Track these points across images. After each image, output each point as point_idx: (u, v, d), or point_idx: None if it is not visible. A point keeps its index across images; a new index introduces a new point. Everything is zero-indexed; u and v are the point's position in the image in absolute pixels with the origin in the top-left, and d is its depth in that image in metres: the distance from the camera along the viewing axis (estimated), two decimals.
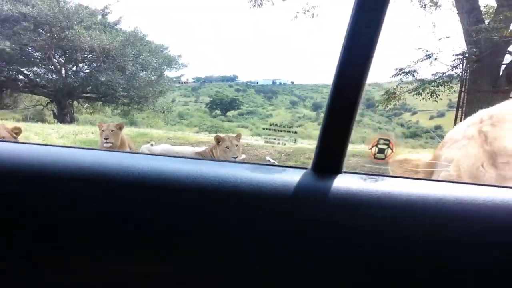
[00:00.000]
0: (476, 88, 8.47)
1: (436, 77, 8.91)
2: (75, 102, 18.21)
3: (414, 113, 28.14)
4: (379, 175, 1.01)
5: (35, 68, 16.48)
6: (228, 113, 29.56)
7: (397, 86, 9.57)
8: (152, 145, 8.27)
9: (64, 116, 16.62)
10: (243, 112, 30.16)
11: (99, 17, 16.16)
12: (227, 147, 5.78)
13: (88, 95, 18.00)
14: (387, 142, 1.20)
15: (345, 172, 1.00)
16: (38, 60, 16.03)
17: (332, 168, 1.00)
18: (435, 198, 0.92)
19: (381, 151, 1.20)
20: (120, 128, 6.95)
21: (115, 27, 16.61)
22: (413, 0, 12.01)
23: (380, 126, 29.28)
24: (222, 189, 1.00)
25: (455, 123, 9.20)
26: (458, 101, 8.82)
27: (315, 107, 33.68)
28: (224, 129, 23.34)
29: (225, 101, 29.56)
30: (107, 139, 6.60)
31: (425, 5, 11.70)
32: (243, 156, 7.81)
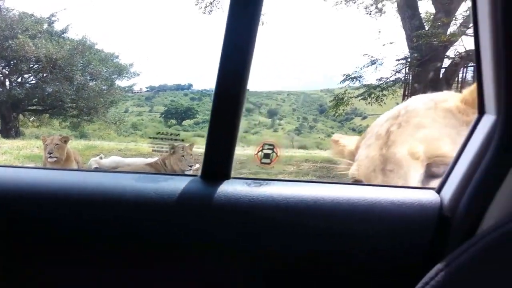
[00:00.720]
0: (418, 92, 8.92)
1: (380, 82, 9.31)
2: (20, 116, 17.33)
3: (364, 117, 29.10)
4: (264, 179, 1.07)
5: None
6: (184, 122, 29.18)
7: (344, 91, 9.91)
8: (101, 158, 8.00)
9: (8, 130, 15.74)
10: (199, 121, 29.85)
11: (45, 25, 15.50)
12: (183, 156, 5.74)
13: (34, 107, 17.18)
14: (271, 147, 1.25)
15: (233, 178, 1.06)
16: None
17: (220, 174, 1.04)
18: (313, 198, 0.98)
19: (267, 155, 1.25)
20: (65, 141, 6.67)
21: (63, 35, 16.02)
22: (359, 7, 12.54)
23: (333, 131, 30.05)
24: (107, 199, 1.02)
25: None
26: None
27: (271, 114, 34.01)
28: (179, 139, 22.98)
29: (180, 110, 29.18)
30: (51, 153, 6.31)
31: (370, 11, 12.25)
32: (197, 165, 7.78)
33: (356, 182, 1.39)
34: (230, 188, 1.01)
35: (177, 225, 0.99)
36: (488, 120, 0.88)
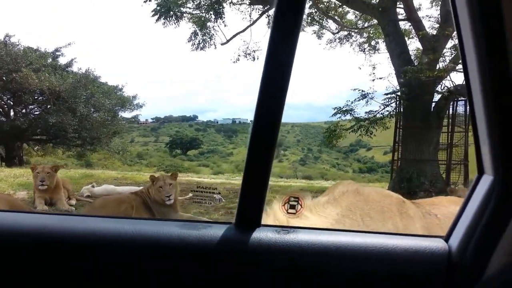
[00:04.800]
0: (409, 125, 8.90)
1: (370, 115, 9.34)
2: (25, 145, 17.62)
3: (369, 149, 29.02)
4: (291, 227, 1.14)
5: None
6: (189, 152, 29.39)
7: (336, 124, 9.94)
8: (93, 186, 8.12)
9: (12, 159, 15.96)
10: (204, 151, 30.09)
11: (50, 59, 15.98)
12: (161, 187, 5.76)
13: (38, 137, 17.48)
14: (296, 199, 1.33)
15: (263, 226, 1.13)
16: None
17: (252, 222, 1.12)
18: (335, 245, 1.07)
19: (292, 207, 1.33)
20: (56, 170, 6.82)
21: (67, 69, 16.45)
22: (353, 45, 12.79)
23: (338, 162, 29.92)
24: (153, 245, 1.10)
25: (392, 157, 9.55)
26: (394, 136, 9.21)
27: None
28: (184, 168, 23.08)
29: (185, 141, 29.48)
30: (43, 181, 6.46)
31: (364, 49, 12.48)
32: (190, 194, 7.77)
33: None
34: (262, 235, 1.09)
35: (215, 269, 1.08)
36: (487, 180, 0.99)
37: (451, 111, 9.03)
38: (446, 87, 8.67)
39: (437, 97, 8.89)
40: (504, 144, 0.88)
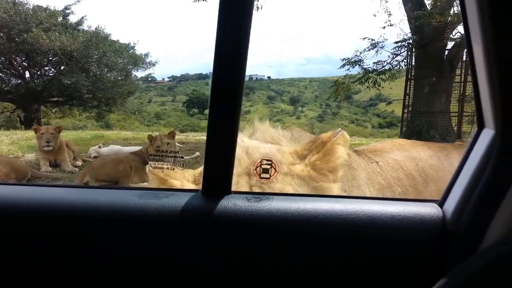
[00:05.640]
0: (420, 75, 8.52)
1: (378, 66, 8.96)
2: (42, 107, 17.95)
3: (389, 102, 28.33)
4: (264, 194, 1.10)
5: None
6: (206, 111, 29.46)
7: (345, 76, 9.61)
8: (100, 147, 8.25)
9: (31, 121, 16.34)
10: None
11: (60, 18, 15.90)
12: (158, 146, 5.79)
13: (54, 99, 17.75)
14: (269, 162, 1.25)
15: (233, 193, 1.08)
16: (0, 66, 15.79)
17: (221, 189, 1.07)
18: (312, 212, 0.99)
19: (265, 171, 1.25)
20: (59, 131, 6.91)
21: (77, 27, 16.38)
22: None
23: (357, 117, 29.42)
24: (111, 216, 1.05)
25: (403, 109, 9.25)
26: (405, 88, 8.87)
27: (293, 101, 33.69)
28: (200, 127, 23.25)
29: (202, 99, 29.47)
30: (49, 142, 6.55)
31: None
32: (197, 153, 7.79)
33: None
34: (230, 203, 1.03)
35: (178, 240, 1.02)
36: (488, 134, 0.91)
37: (464, 58, 8.54)
38: (459, 33, 8.16)
39: (450, 44, 8.39)
40: (505, 93, 0.79)
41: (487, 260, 0.70)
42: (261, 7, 10.73)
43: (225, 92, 0.95)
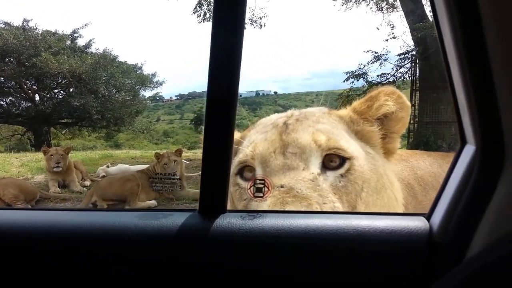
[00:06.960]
0: (425, 85, 8.51)
1: (382, 79, 8.97)
2: (52, 129, 18.17)
3: None
4: (258, 211, 1.13)
5: (10, 98, 16.47)
6: None
7: (349, 89, 9.63)
8: (108, 166, 8.32)
9: (41, 143, 16.52)
10: None
11: (68, 42, 16.20)
12: (165, 164, 5.82)
13: (64, 120, 17.97)
14: (262, 181, 1.30)
15: (228, 211, 1.11)
16: (11, 90, 16.08)
17: (216, 208, 1.10)
18: (303, 229, 1.02)
19: (259, 190, 1.30)
20: (68, 152, 7.00)
21: (86, 50, 16.66)
22: (369, 4, 12.20)
23: None
24: (113, 238, 1.08)
25: (409, 122, 9.21)
26: (410, 99, 8.85)
27: None
28: None
29: None
30: (58, 163, 6.65)
31: (382, 8, 11.88)
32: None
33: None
34: (225, 221, 1.06)
35: (177, 258, 1.05)
36: (469, 150, 0.95)
37: None
38: None
39: None
40: (482, 112, 0.83)
41: (472, 269, 0.72)
42: (264, 25, 10.86)
43: (219, 116, 0.99)
